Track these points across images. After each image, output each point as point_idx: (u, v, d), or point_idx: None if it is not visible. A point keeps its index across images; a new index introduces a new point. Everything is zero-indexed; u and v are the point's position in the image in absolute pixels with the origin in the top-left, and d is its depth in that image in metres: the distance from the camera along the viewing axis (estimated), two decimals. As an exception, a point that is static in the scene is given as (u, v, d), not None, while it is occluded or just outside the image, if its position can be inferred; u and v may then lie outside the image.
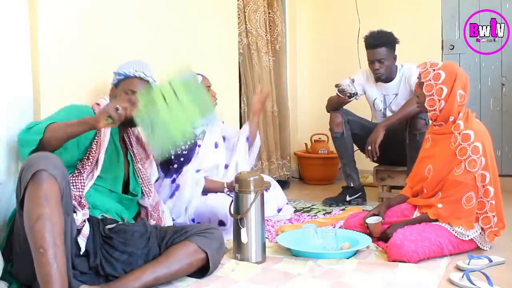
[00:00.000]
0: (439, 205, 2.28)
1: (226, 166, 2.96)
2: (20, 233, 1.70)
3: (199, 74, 2.77)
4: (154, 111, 1.88)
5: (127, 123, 1.94)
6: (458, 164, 2.28)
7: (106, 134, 2.03)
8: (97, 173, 1.98)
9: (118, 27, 2.57)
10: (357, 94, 3.30)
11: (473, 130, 2.27)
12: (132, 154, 2.18)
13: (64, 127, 1.82)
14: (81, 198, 1.89)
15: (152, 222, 2.16)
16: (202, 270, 1.95)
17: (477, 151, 2.24)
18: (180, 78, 1.94)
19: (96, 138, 2.00)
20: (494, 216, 2.27)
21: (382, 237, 2.37)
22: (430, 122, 2.50)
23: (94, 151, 1.98)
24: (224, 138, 2.93)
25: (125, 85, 2.13)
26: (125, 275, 1.81)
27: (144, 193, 2.17)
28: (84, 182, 1.93)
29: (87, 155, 1.97)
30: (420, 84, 2.40)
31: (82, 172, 1.95)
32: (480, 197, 2.26)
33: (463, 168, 2.26)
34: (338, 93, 3.30)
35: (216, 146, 2.84)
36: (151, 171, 2.30)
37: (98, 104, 2.14)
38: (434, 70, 2.34)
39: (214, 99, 2.78)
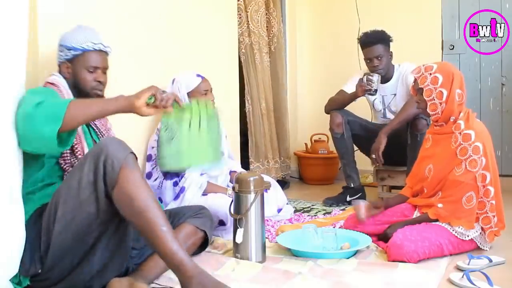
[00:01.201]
0: (439, 205, 2.28)
1: (230, 172, 2.96)
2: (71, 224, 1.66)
3: (199, 75, 2.77)
4: (178, 128, 1.85)
5: None
6: (458, 164, 2.28)
7: None
8: None
9: (116, 27, 2.57)
10: (376, 92, 3.30)
11: (474, 130, 2.27)
12: (96, 129, 2.03)
13: (98, 102, 1.72)
14: None
15: None
16: (200, 246, 2.17)
17: (477, 151, 2.24)
18: (210, 114, 1.91)
19: None
20: (494, 216, 2.27)
21: (382, 237, 2.37)
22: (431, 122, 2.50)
23: (77, 144, 1.87)
24: None
25: (84, 61, 1.95)
26: (144, 263, 1.89)
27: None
28: None
29: (69, 150, 1.84)
30: (418, 90, 2.38)
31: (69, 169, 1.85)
32: (481, 197, 2.26)
33: (464, 168, 2.26)
34: (365, 80, 3.28)
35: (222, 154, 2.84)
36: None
37: (50, 83, 1.94)
38: (430, 74, 2.32)
39: (213, 102, 2.75)
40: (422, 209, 2.39)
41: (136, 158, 1.70)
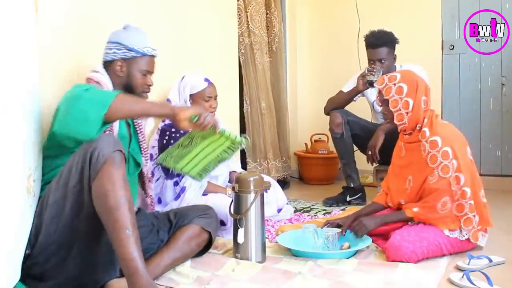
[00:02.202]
0: (415, 209, 2.28)
1: (230, 172, 2.96)
2: (63, 217, 1.67)
3: (207, 80, 2.76)
4: (198, 143, 1.93)
5: None
6: (431, 172, 2.27)
7: None
8: None
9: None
10: (373, 84, 3.28)
11: (439, 136, 2.27)
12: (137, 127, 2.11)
13: (144, 103, 1.76)
14: None
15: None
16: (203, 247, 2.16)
17: (447, 156, 2.23)
18: (231, 148, 1.98)
19: None
20: (474, 216, 2.24)
21: (355, 226, 2.33)
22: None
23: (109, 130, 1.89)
24: None
25: (141, 64, 2.03)
26: (146, 262, 1.85)
27: (143, 153, 2.10)
28: None
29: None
30: (384, 102, 2.37)
31: None
32: (458, 199, 2.23)
33: (437, 176, 2.25)
34: (366, 71, 3.30)
35: None
36: (146, 121, 2.22)
37: (91, 79, 2.00)
38: (395, 84, 2.32)
39: (213, 110, 2.74)
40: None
41: (125, 158, 1.69)
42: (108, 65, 2.04)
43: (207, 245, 2.18)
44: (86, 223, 1.68)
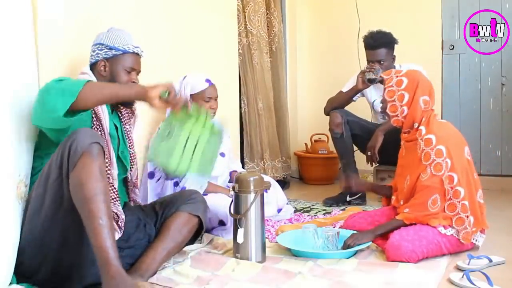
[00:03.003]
0: (406, 210, 2.28)
1: (230, 172, 2.96)
2: (46, 210, 1.69)
3: (208, 81, 2.76)
4: (178, 130, 1.87)
5: (127, 104, 1.98)
6: (423, 170, 2.28)
7: (104, 112, 1.96)
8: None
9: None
10: (375, 80, 3.30)
11: (434, 134, 2.27)
12: (119, 114, 2.09)
13: (112, 86, 1.75)
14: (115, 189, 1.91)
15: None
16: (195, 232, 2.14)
17: (440, 154, 2.24)
18: (213, 131, 1.92)
19: (93, 117, 1.92)
20: (467, 217, 2.22)
21: (349, 243, 2.26)
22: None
23: (100, 130, 1.91)
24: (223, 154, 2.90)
25: (123, 62, 2.03)
26: (141, 259, 1.90)
27: (131, 158, 2.11)
28: (109, 169, 1.89)
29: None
30: (383, 90, 2.42)
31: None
32: (450, 198, 2.23)
33: (429, 173, 2.25)
34: (366, 68, 3.32)
35: (223, 155, 2.84)
36: (134, 128, 2.21)
37: (84, 73, 2.03)
38: (397, 76, 2.37)
39: (213, 111, 2.74)
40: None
41: (104, 151, 1.70)
42: (93, 67, 2.06)
43: (199, 230, 2.15)
44: (67, 217, 1.69)
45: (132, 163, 2.13)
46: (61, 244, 1.72)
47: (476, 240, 2.30)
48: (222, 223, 2.56)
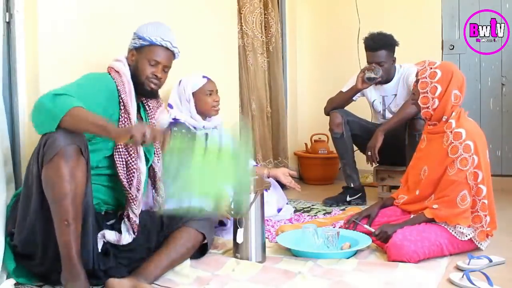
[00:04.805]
0: (435, 206, 2.28)
1: None
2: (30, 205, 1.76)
3: (205, 77, 2.77)
4: (186, 161, 1.85)
5: (150, 94, 2.02)
6: (451, 163, 2.27)
7: (132, 102, 1.96)
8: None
9: (116, 28, 2.56)
10: (374, 79, 3.31)
11: (465, 129, 2.27)
12: (147, 107, 2.10)
13: (87, 122, 1.71)
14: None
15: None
16: (200, 248, 2.13)
17: (468, 149, 2.24)
18: (233, 148, 1.91)
19: (122, 109, 1.94)
20: (486, 216, 2.25)
21: (377, 234, 2.30)
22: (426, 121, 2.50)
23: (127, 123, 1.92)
24: None
25: (149, 53, 2.02)
26: (145, 264, 1.91)
27: (156, 151, 2.09)
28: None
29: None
30: (416, 81, 2.40)
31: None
32: (473, 195, 2.24)
33: (456, 168, 2.25)
34: (366, 67, 3.33)
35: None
36: (162, 121, 2.19)
37: (112, 68, 2.02)
38: (431, 68, 2.35)
39: (217, 104, 2.75)
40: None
41: (82, 153, 1.70)
42: (127, 55, 2.09)
43: (204, 245, 2.13)
44: (49, 209, 1.73)
45: (158, 158, 2.11)
46: (50, 235, 1.75)
47: (483, 243, 2.31)
48: (222, 223, 2.56)
